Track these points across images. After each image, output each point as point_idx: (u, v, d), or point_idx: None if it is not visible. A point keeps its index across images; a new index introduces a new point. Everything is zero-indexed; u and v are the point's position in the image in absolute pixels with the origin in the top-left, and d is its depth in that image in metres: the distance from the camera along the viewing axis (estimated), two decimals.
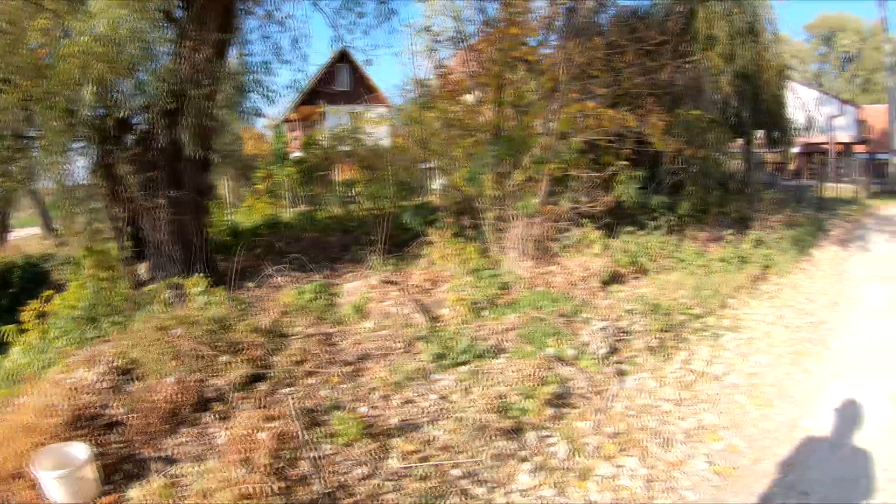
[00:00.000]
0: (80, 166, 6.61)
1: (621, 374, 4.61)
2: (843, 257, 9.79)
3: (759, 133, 15.99)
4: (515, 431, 3.66)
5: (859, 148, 35.80)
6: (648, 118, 7.45)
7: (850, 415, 4.03)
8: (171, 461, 3.25)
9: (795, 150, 30.65)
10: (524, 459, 3.44)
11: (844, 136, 29.40)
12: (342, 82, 25.60)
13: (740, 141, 14.76)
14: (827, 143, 28.03)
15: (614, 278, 6.93)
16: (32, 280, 9.50)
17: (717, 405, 4.19)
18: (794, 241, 9.46)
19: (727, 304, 6.38)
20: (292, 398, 3.80)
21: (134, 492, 2.99)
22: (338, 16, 8.79)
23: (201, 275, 5.86)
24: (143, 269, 6.90)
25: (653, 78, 9.28)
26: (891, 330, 5.92)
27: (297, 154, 18.37)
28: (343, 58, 22.69)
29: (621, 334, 5.14)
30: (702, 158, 10.11)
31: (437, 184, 14.68)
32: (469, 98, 8.72)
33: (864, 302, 7.04)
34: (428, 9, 8.71)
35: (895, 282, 7.91)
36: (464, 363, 4.54)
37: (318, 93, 23.32)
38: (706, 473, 3.40)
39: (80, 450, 3.06)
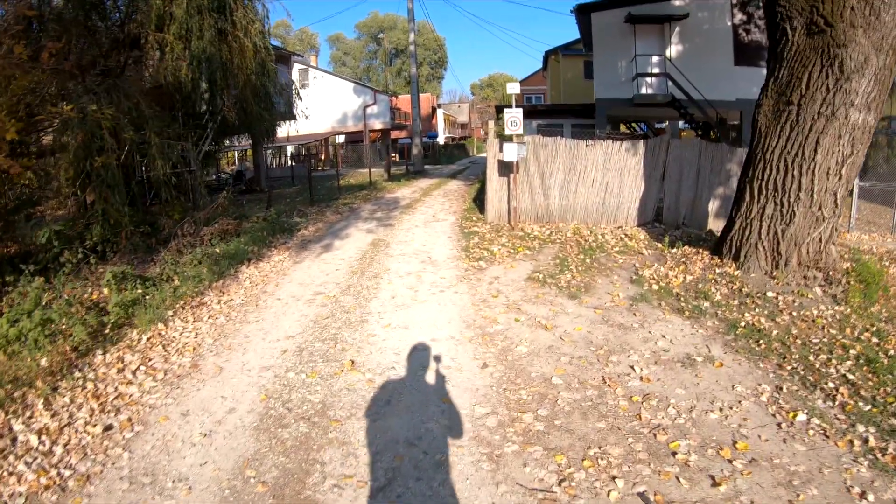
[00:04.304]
0: None
1: None
2: (286, 268, 8.15)
3: (274, 127, 14.98)
4: None
5: (398, 133, 41.44)
6: None
7: None
8: None
9: (341, 139, 33.05)
10: None
11: (379, 124, 33.09)
12: None
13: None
14: (362, 131, 30.86)
15: None
16: None
17: None
18: (222, 258, 7.87)
19: None
20: None
21: None
22: None
23: None
24: None
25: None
26: (230, 422, 4.01)
27: None
28: None
29: None
30: (103, 167, 7.64)
31: None
32: None
33: (244, 356, 5.11)
34: None
35: (320, 301, 6.49)
36: None
37: None
38: None
39: None
